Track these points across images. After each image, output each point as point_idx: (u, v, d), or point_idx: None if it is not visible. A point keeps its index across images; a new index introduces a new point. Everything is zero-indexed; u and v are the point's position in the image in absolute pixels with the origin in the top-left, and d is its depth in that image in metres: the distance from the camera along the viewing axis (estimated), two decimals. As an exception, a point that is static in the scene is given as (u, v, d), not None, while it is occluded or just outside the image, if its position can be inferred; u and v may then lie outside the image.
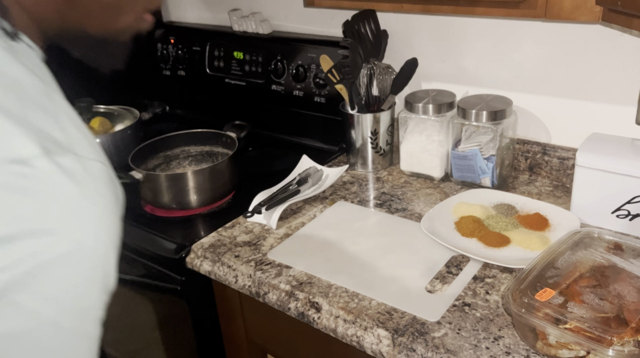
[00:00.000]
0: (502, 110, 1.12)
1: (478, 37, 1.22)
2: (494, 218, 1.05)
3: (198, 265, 1.04)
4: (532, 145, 1.21)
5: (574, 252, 0.85)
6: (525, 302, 0.75)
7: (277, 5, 1.54)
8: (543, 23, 1.12)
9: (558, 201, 1.11)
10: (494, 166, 1.14)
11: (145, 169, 1.26)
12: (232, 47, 1.59)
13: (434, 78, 1.32)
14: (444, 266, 0.95)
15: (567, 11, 0.85)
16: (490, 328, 0.80)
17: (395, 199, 1.17)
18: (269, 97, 1.53)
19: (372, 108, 1.28)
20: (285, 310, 0.92)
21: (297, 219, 1.12)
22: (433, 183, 1.23)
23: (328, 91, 1.40)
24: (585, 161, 1.00)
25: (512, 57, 1.19)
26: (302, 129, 1.51)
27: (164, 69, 1.77)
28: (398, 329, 0.81)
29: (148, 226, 1.15)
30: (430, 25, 1.28)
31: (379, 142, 1.27)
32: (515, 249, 0.97)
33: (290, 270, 0.97)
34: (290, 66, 1.47)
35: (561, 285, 0.78)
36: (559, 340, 0.73)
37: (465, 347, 0.77)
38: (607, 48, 1.07)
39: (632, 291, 0.76)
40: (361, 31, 1.25)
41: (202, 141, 1.36)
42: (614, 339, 0.68)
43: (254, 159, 1.45)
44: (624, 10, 0.76)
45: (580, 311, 0.73)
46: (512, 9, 0.91)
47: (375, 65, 1.26)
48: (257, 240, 1.06)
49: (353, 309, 0.86)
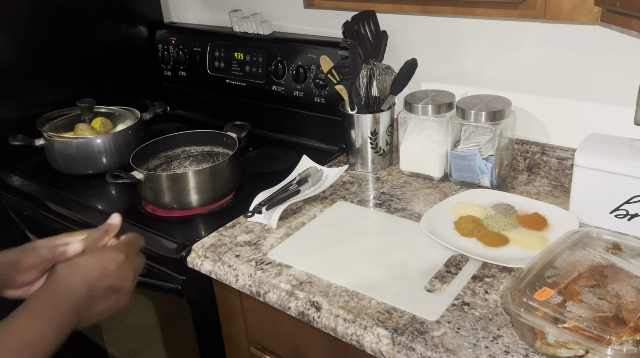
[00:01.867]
0: (501, 110, 1.12)
1: (477, 37, 1.22)
2: (493, 218, 1.05)
3: (199, 265, 1.05)
4: (530, 145, 1.21)
5: (573, 252, 0.86)
6: (524, 302, 0.76)
7: (278, 6, 1.55)
8: (542, 24, 1.12)
9: (557, 201, 1.12)
10: (493, 166, 1.15)
11: (146, 169, 1.27)
12: (232, 47, 1.59)
13: (434, 79, 1.33)
14: (443, 265, 0.95)
15: (566, 12, 0.85)
16: (489, 328, 0.81)
17: (394, 199, 1.18)
18: (269, 97, 1.54)
19: (371, 108, 1.29)
20: (286, 310, 0.93)
21: (297, 219, 1.12)
22: (432, 183, 1.24)
23: (328, 92, 1.41)
24: (584, 161, 1.00)
25: (511, 57, 1.19)
26: (302, 129, 1.51)
27: (164, 70, 1.78)
28: (397, 328, 0.82)
29: (149, 226, 1.16)
30: (429, 26, 1.28)
31: (379, 142, 1.28)
32: (514, 249, 0.97)
33: (291, 270, 0.97)
34: (291, 67, 1.47)
35: (560, 284, 0.79)
36: (557, 340, 0.73)
37: (465, 346, 0.78)
38: (605, 48, 1.07)
39: (630, 291, 0.76)
40: (361, 32, 1.26)
41: (203, 141, 1.36)
42: (612, 338, 0.68)
43: (254, 159, 1.46)
44: (623, 10, 0.76)
45: (579, 311, 0.73)
46: (511, 9, 0.91)
47: (375, 65, 1.26)
48: (257, 239, 1.07)
49: (353, 308, 0.87)
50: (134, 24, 1.73)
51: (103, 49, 1.65)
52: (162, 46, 1.76)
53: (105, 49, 1.66)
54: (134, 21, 1.72)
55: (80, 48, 1.59)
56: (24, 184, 1.42)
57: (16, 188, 1.42)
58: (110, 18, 1.65)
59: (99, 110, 1.53)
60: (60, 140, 1.38)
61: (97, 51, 1.64)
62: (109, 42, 1.66)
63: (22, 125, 1.47)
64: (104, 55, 1.66)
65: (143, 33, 1.76)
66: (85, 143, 1.38)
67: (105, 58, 1.66)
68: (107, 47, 1.66)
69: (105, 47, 1.66)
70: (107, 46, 1.66)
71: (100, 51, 1.64)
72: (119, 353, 1.48)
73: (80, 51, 1.59)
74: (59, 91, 1.57)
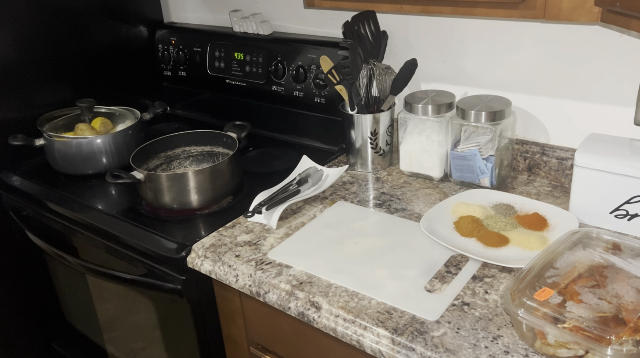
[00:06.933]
0: (501, 110, 1.12)
1: (477, 38, 1.22)
2: (493, 218, 1.05)
3: (199, 265, 1.05)
4: (530, 145, 1.21)
5: (573, 252, 0.86)
6: (524, 302, 0.76)
7: (278, 6, 1.55)
8: (542, 24, 1.12)
9: (557, 201, 1.12)
10: (493, 166, 1.15)
11: (146, 169, 1.27)
12: (232, 47, 1.59)
13: (434, 79, 1.33)
14: (443, 265, 0.95)
15: (566, 12, 0.85)
16: (489, 328, 0.81)
17: (394, 199, 1.18)
18: (269, 97, 1.54)
19: (371, 109, 1.29)
20: (286, 310, 0.93)
21: (297, 219, 1.13)
22: (432, 183, 1.24)
23: (328, 92, 1.41)
24: (584, 161, 1.00)
25: (511, 57, 1.19)
26: (302, 129, 1.51)
27: (165, 70, 1.78)
28: (397, 328, 0.82)
29: (149, 226, 1.16)
30: (429, 26, 1.28)
31: (379, 142, 1.28)
32: (514, 249, 0.97)
33: (291, 270, 0.97)
34: (291, 67, 1.47)
35: (560, 284, 0.79)
36: (557, 340, 0.73)
37: (465, 346, 0.78)
38: (605, 49, 1.07)
39: (630, 291, 0.76)
40: (361, 32, 1.26)
41: (203, 141, 1.37)
42: (612, 338, 0.68)
43: (254, 159, 1.46)
44: (623, 11, 0.76)
45: (578, 311, 0.73)
46: (511, 9, 0.91)
47: (375, 66, 1.26)
48: (257, 239, 1.07)
49: (353, 308, 0.87)
50: (134, 24, 1.73)
51: (103, 49, 1.65)
52: (162, 46, 1.76)
53: (105, 49, 1.66)
54: (134, 21, 1.73)
55: (81, 48, 1.59)
56: (24, 184, 1.42)
57: (16, 188, 1.42)
58: (110, 18, 1.65)
59: (99, 110, 1.53)
60: (60, 140, 1.39)
61: (97, 51, 1.64)
62: (109, 42, 1.66)
63: (22, 125, 1.47)
64: (104, 55, 1.66)
65: (143, 33, 1.76)
66: (85, 143, 1.38)
67: (105, 58, 1.66)
68: (107, 47, 1.66)
69: (105, 47, 1.66)
70: (107, 46, 1.66)
71: (101, 51, 1.65)
72: (119, 353, 1.48)
73: (81, 51, 1.59)
74: (59, 91, 1.57)
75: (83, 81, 1.62)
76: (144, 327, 1.31)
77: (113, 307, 1.38)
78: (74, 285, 1.47)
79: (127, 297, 1.30)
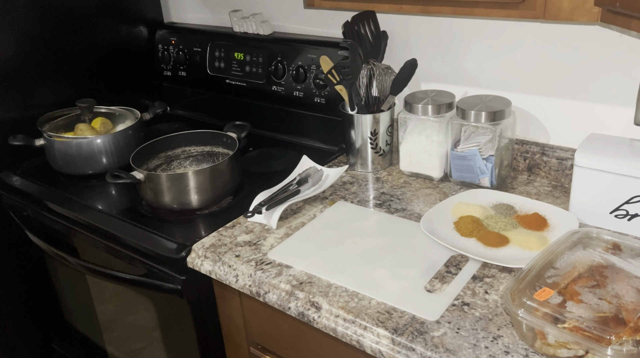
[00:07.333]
0: (501, 110, 1.12)
1: (477, 38, 1.22)
2: (493, 218, 1.05)
3: (199, 265, 1.05)
4: (530, 145, 1.21)
5: (573, 252, 0.86)
6: (524, 302, 0.76)
7: (278, 6, 1.55)
8: (542, 24, 1.12)
9: (557, 201, 1.12)
10: (493, 166, 1.15)
11: (146, 169, 1.27)
12: (232, 47, 1.59)
13: (434, 79, 1.33)
14: (443, 265, 0.95)
15: (566, 12, 0.85)
16: (489, 328, 0.81)
17: (394, 199, 1.18)
18: (269, 97, 1.54)
19: (371, 109, 1.29)
20: (286, 310, 0.93)
21: (297, 219, 1.13)
22: (432, 183, 1.24)
23: (328, 92, 1.41)
24: (584, 161, 1.00)
25: (511, 57, 1.19)
26: (302, 129, 1.51)
27: (165, 70, 1.78)
28: (397, 328, 0.82)
29: (149, 226, 1.16)
30: (429, 26, 1.28)
31: (379, 142, 1.28)
32: (514, 249, 0.97)
33: (291, 270, 0.97)
34: (291, 67, 1.47)
35: (560, 284, 0.79)
36: (557, 340, 0.73)
37: (465, 346, 0.78)
38: (605, 49, 1.07)
39: (630, 291, 0.76)
40: (361, 32, 1.26)
41: (203, 142, 1.37)
42: (612, 338, 0.68)
43: (254, 159, 1.46)
44: (623, 11, 0.76)
45: (578, 311, 0.73)
46: (511, 9, 0.91)
47: (375, 66, 1.26)
48: (257, 239, 1.07)
49: (353, 308, 0.87)
50: (134, 24, 1.73)
51: (103, 49, 1.65)
52: (162, 46, 1.76)
53: (105, 49, 1.66)
54: (134, 21, 1.73)
55: (81, 48, 1.59)
56: (24, 184, 1.42)
57: (16, 188, 1.42)
58: (110, 18, 1.65)
59: (99, 110, 1.53)
60: (60, 140, 1.39)
61: (97, 50, 1.64)
62: (109, 42, 1.66)
63: (22, 125, 1.47)
64: (104, 55, 1.66)
65: (143, 33, 1.76)
66: (85, 143, 1.38)
67: (106, 58, 1.66)
68: (107, 47, 1.66)
69: (105, 47, 1.66)
70: (107, 46, 1.66)
71: (101, 51, 1.65)
72: (119, 353, 1.48)
73: (81, 51, 1.59)
74: (59, 91, 1.57)
75: (83, 81, 1.62)
76: (144, 327, 1.31)
77: (113, 307, 1.38)
78: (74, 285, 1.47)
79: (127, 297, 1.30)
